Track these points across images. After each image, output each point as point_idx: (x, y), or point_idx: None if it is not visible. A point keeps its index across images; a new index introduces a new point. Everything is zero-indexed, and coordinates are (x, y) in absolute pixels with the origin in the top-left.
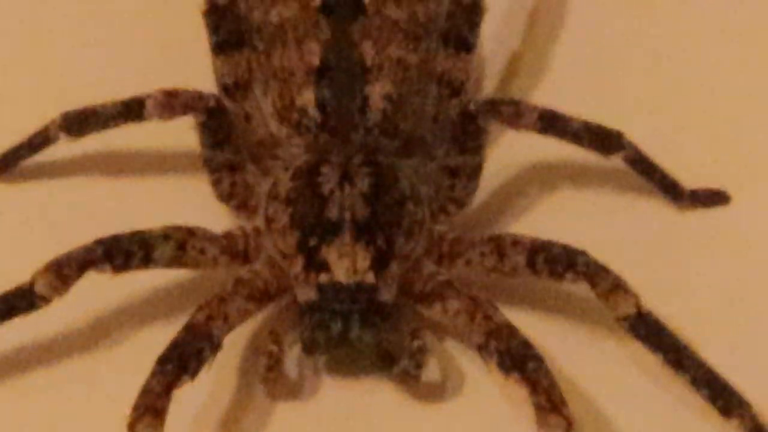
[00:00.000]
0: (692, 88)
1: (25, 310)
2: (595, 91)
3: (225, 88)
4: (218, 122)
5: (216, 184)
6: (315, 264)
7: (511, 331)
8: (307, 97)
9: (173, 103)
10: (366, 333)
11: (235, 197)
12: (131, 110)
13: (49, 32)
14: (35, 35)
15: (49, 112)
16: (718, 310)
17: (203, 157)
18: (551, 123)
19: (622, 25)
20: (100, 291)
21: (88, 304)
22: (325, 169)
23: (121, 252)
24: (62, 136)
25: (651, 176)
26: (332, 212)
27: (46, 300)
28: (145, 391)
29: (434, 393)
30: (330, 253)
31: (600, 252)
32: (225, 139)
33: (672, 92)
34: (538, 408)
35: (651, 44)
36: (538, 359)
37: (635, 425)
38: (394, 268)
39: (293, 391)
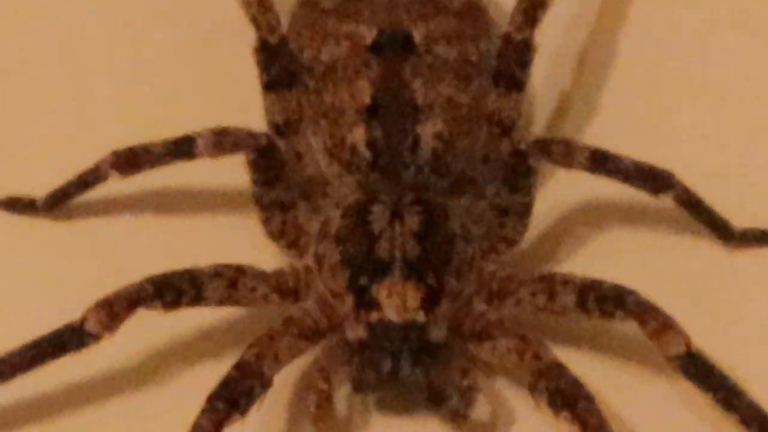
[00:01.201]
0: (744, 128)
1: (75, 348)
2: (645, 130)
3: (275, 127)
4: (269, 160)
5: (266, 222)
6: (365, 302)
7: (561, 369)
8: (357, 136)
9: (224, 141)
10: (416, 372)
11: (285, 235)
12: (182, 148)
13: (101, 69)
14: (86, 72)
15: (100, 150)
16: None
17: (254, 195)
18: (601, 162)
19: (674, 64)
20: (150, 329)
21: (138, 342)
22: (375, 208)
23: (171, 290)
24: (113, 173)
25: (701, 216)
26: (382, 251)
27: (96, 338)
28: (196, 429)
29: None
30: (380, 292)
31: (650, 291)
32: (275, 178)
33: (723, 132)
34: None
35: (702, 84)
36: (589, 398)
37: None
38: (444, 306)
39: (343, 428)
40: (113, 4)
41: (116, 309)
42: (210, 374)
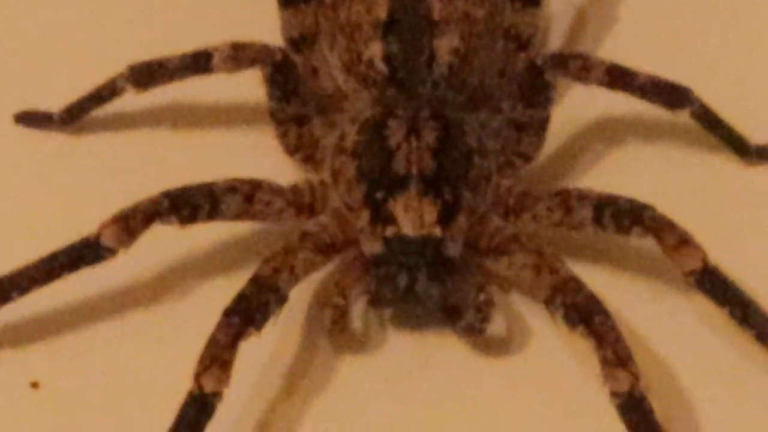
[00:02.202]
0: (762, 44)
1: (90, 262)
2: (662, 46)
3: (292, 41)
4: (285, 75)
5: (282, 136)
6: (381, 217)
7: (577, 284)
8: (374, 51)
9: (240, 55)
10: (432, 286)
11: (301, 150)
12: (198, 62)
13: None
14: None
15: (116, 63)
16: None
17: (270, 109)
18: (618, 77)
19: None
20: (166, 243)
21: (153, 257)
22: (391, 123)
23: (187, 204)
24: (129, 87)
25: (718, 131)
26: (399, 166)
27: (112, 252)
28: (212, 343)
29: (499, 347)
30: (396, 207)
31: (667, 207)
32: (292, 92)
33: (741, 47)
34: (604, 362)
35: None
36: (605, 313)
37: (701, 380)
38: (461, 221)
39: (358, 343)
40: None
41: (132, 223)
42: (226, 289)
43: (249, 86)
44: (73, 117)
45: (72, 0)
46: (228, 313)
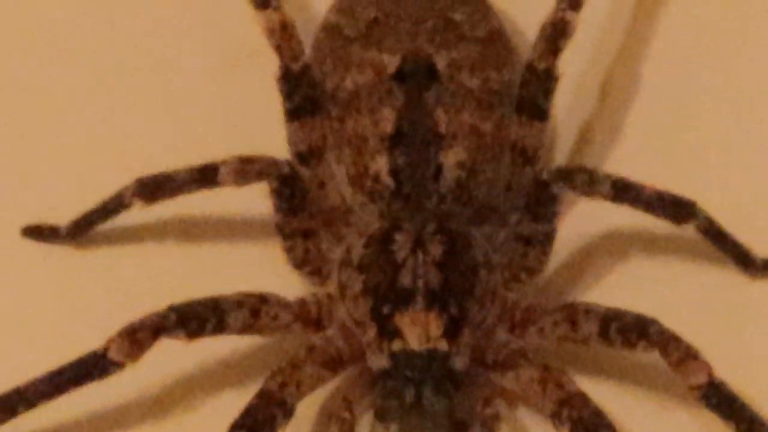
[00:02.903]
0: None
1: (98, 377)
2: (667, 159)
3: (298, 155)
4: (292, 189)
5: (289, 250)
6: (388, 331)
7: (583, 399)
8: (380, 164)
9: (247, 169)
10: (439, 400)
11: (308, 264)
12: (205, 176)
13: (125, 97)
14: (110, 99)
15: (123, 177)
16: None
17: (276, 223)
18: (624, 191)
19: (696, 95)
20: (172, 357)
21: (161, 371)
22: (398, 237)
23: (194, 318)
24: (136, 201)
25: (723, 245)
26: (405, 279)
27: (119, 366)
28: None
29: None
30: (403, 321)
31: (672, 321)
32: (298, 206)
33: (747, 161)
34: None
35: (724, 114)
36: (611, 428)
37: None
38: (467, 335)
39: None
40: (138, 31)
41: (139, 337)
42: (233, 403)
43: (256, 200)
44: (80, 230)
45: (79, 111)
46: (235, 427)
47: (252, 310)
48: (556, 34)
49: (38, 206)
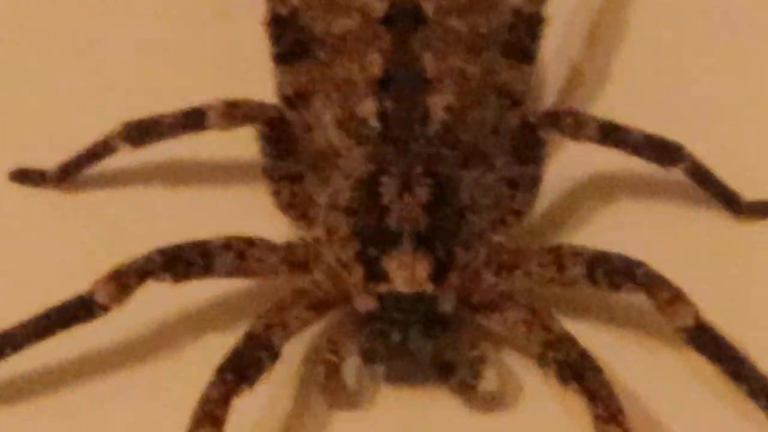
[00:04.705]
0: (754, 101)
1: (84, 319)
2: (655, 102)
3: (286, 99)
4: (279, 132)
5: (276, 194)
6: (375, 274)
7: (569, 341)
8: (368, 108)
9: (234, 113)
10: (425, 343)
11: (295, 207)
12: (192, 120)
13: (112, 42)
14: (97, 44)
15: (110, 121)
16: None
17: (264, 167)
18: (611, 134)
19: (683, 37)
20: (159, 300)
21: (147, 314)
22: (385, 180)
23: (181, 261)
24: (123, 145)
25: (710, 188)
26: (392, 222)
27: (105, 309)
28: (204, 400)
29: (492, 403)
30: (390, 263)
31: (659, 263)
32: (285, 150)
33: (733, 104)
34: (597, 418)
35: (712, 56)
36: (597, 369)
37: None
38: (454, 278)
39: (351, 400)
40: None
41: (126, 280)
42: (219, 346)
43: (243, 143)
44: (67, 174)
45: (66, 56)
46: (221, 369)
47: (239, 253)
48: None
49: (25, 151)
